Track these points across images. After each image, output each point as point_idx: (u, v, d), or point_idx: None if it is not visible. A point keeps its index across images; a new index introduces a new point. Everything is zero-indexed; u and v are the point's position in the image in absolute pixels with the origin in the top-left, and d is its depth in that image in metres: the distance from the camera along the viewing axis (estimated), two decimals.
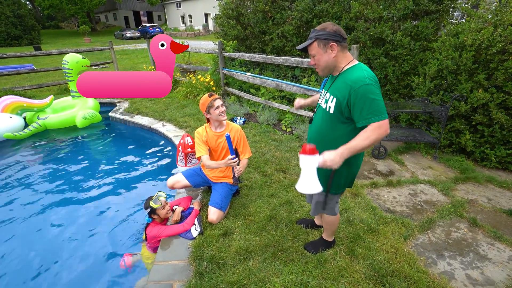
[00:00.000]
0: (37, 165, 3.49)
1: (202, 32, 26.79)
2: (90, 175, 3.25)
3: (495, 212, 2.33)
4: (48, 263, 2.07)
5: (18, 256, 2.13)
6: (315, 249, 1.86)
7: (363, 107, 1.20)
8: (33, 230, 2.40)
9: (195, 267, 1.76)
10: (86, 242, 2.27)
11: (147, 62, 10.22)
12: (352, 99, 1.23)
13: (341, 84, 1.29)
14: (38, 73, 8.65)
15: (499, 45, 2.65)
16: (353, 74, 1.25)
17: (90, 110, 4.65)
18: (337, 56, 1.30)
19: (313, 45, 1.31)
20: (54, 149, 3.93)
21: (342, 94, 1.27)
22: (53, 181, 3.13)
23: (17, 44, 22.17)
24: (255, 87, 5.09)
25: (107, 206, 2.70)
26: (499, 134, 2.85)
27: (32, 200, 2.80)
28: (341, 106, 1.29)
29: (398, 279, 1.66)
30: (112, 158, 3.69)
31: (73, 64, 4.61)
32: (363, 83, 1.19)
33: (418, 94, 3.47)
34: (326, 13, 4.25)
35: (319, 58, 1.32)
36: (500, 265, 1.81)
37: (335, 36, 1.26)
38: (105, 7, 34.59)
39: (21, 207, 2.69)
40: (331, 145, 1.34)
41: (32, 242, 2.28)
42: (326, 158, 1.22)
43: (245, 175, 2.82)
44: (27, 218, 2.54)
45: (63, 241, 2.28)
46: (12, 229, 2.41)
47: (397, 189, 2.66)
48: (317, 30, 1.29)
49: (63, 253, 2.16)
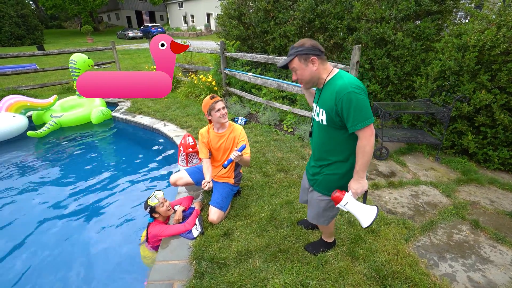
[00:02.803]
0: (38, 165, 3.51)
1: (204, 32, 26.83)
2: (90, 174, 3.26)
3: (498, 214, 2.32)
4: (48, 259, 2.08)
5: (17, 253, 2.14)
6: (315, 250, 1.86)
7: (348, 114, 1.25)
8: (33, 229, 2.42)
9: (195, 267, 1.76)
10: (86, 242, 2.28)
11: (149, 62, 10.25)
12: (339, 109, 1.27)
13: (327, 95, 1.34)
14: (41, 73, 8.69)
15: (502, 46, 2.63)
16: (336, 84, 1.28)
17: (102, 107, 4.85)
18: (318, 68, 1.34)
19: (294, 61, 1.35)
20: (55, 148, 3.95)
21: (328, 105, 1.32)
22: (54, 181, 3.14)
23: (20, 43, 22.31)
24: (256, 87, 5.09)
25: (108, 206, 2.71)
26: (502, 135, 2.83)
27: (29, 198, 2.82)
28: (331, 117, 1.33)
29: (399, 280, 1.66)
30: (113, 158, 3.71)
31: (81, 63, 4.74)
32: (345, 92, 1.22)
33: (420, 95, 3.46)
34: (328, 13, 4.24)
35: (302, 73, 1.36)
36: (503, 268, 1.80)
37: (314, 50, 1.30)
38: (107, 7, 34.71)
39: (17, 208, 2.70)
40: (334, 153, 1.44)
41: (33, 240, 2.29)
42: (354, 191, 1.36)
43: (246, 175, 2.82)
44: (21, 217, 2.56)
45: (61, 239, 2.29)
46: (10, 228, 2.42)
47: (398, 190, 2.64)
48: (296, 47, 1.33)
49: (62, 251, 2.17)
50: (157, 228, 2.01)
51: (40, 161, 3.59)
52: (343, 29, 4.16)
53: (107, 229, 2.41)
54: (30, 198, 2.84)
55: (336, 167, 1.45)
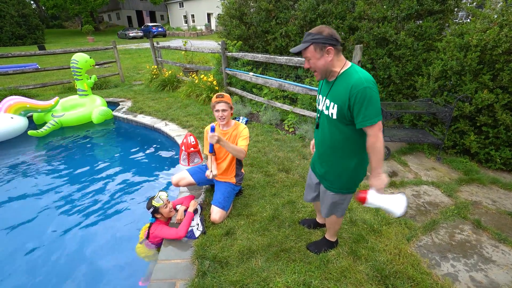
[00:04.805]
0: (38, 164, 3.51)
1: (205, 31, 26.82)
2: (92, 174, 3.26)
3: (500, 214, 2.31)
4: (50, 258, 2.09)
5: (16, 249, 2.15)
6: (317, 249, 1.86)
7: (360, 110, 1.24)
8: (33, 228, 2.42)
9: (198, 266, 1.76)
10: (86, 241, 2.28)
11: (150, 62, 10.25)
12: (351, 103, 1.25)
13: (340, 89, 1.30)
14: (42, 72, 8.70)
15: (505, 46, 2.63)
16: (351, 78, 1.25)
17: (103, 107, 4.84)
18: (333, 59, 1.29)
19: (309, 49, 1.28)
20: (56, 148, 3.95)
21: (342, 100, 1.29)
22: (55, 181, 3.15)
23: (22, 43, 22.34)
24: (257, 87, 5.08)
25: (108, 206, 2.71)
26: (504, 135, 2.83)
27: (30, 198, 2.82)
28: (343, 111, 1.30)
29: (401, 280, 1.66)
30: (114, 157, 3.71)
31: (83, 63, 4.75)
32: (362, 87, 1.21)
33: (422, 95, 3.45)
34: (329, 13, 4.23)
35: (315, 62, 1.30)
36: (505, 267, 1.80)
37: (331, 40, 1.24)
38: (108, 6, 34.70)
39: (17, 208, 2.71)
40: (342, 147, 1.43)
41: (33, 240, 2.30)
42: (378, 188, 1.35)
43: (247, 175, 2.82)
44: (21, 217, 2.56)
45: (62, 238, 2.30)
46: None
47: (400, 190, 2.64)
48: (313, 33, 1.25)
49: (62, 251, 2.17)
50: (159, 229, 2.02)
51: (40, 161, 3.60)
52: (345, 29, 4.16)
53: (107, 229, 2.41)
54: (30, 198, 2.84)
55: (345, 162, 1.46)
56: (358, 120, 1.26)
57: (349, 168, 1.46)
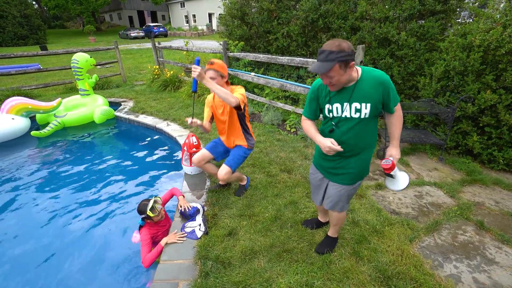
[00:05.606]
0: (40, 164, 3.53)
1: (206, 31, 26.84)
2: (93, 174, 3.28)
3: (503, 215, 2.31)
4: (50, 258, 2.10)
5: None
6: (327, 247, 1.87)
7: (390, 96, 1.39)
8: (35, 227, 2.44)
9: (200, 267, 1.77)
10: (86, 241, 2.29)
11: (151, 62, 10.26)
12: (385, 95, 1.38)
13: (368, 89, 1.35)
14: (44, 73, 8.73)
15: (508, 46, 2.62)
16: (374, 76, 1.36)
17: (105, 107, 4.87)
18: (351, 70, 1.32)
19: (335, 68, 1.23)
20: (58, 148, 3.97)
21: (375, 95, 1.36)
22: (56, 180, 3.16)
23: (24, 43, 22.43)
24: (259, 87, 5.09)
25: (109, 206, 2.72)
26: (507, 136, 2.82)
27: (30, 198, 2.83)
28: (377, 106, 1.38)
29: (404, 281, 1.65)
30: (116, 157, 3.72)
31: (83, 63, 4.75)
32: (386, 78, 1.35)
33: (424, 95, 3.44)
34: (331, 13, 4.23)
35: (339, 79, 1.28)
36: (509, 269, 1.79)
37: (352, 55, 1.24)
38: (109, 7, 34.79)
39: (17, 208, 2.73)
40: (367, 140, 1.51)
41: (33, 236, 2.31)
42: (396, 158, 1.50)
43: (249, 175, 2.82)
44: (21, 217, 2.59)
45: (62, 238, 2.31)
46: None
47: (402, 191, 2.64)
48: (335, 51, 1.20)
49: (63, 250, 2.18)
50: (142, 238, 2.00)
51: (42, 161, 3.61)
52: (347, 29, 4.15)
53: (108, 229, 2.42)
54: (31, 198, 2.85)
55: (367, 153, 1.54)
56: (392, 104, 1.41)
57: (370, 156, 1.57)
